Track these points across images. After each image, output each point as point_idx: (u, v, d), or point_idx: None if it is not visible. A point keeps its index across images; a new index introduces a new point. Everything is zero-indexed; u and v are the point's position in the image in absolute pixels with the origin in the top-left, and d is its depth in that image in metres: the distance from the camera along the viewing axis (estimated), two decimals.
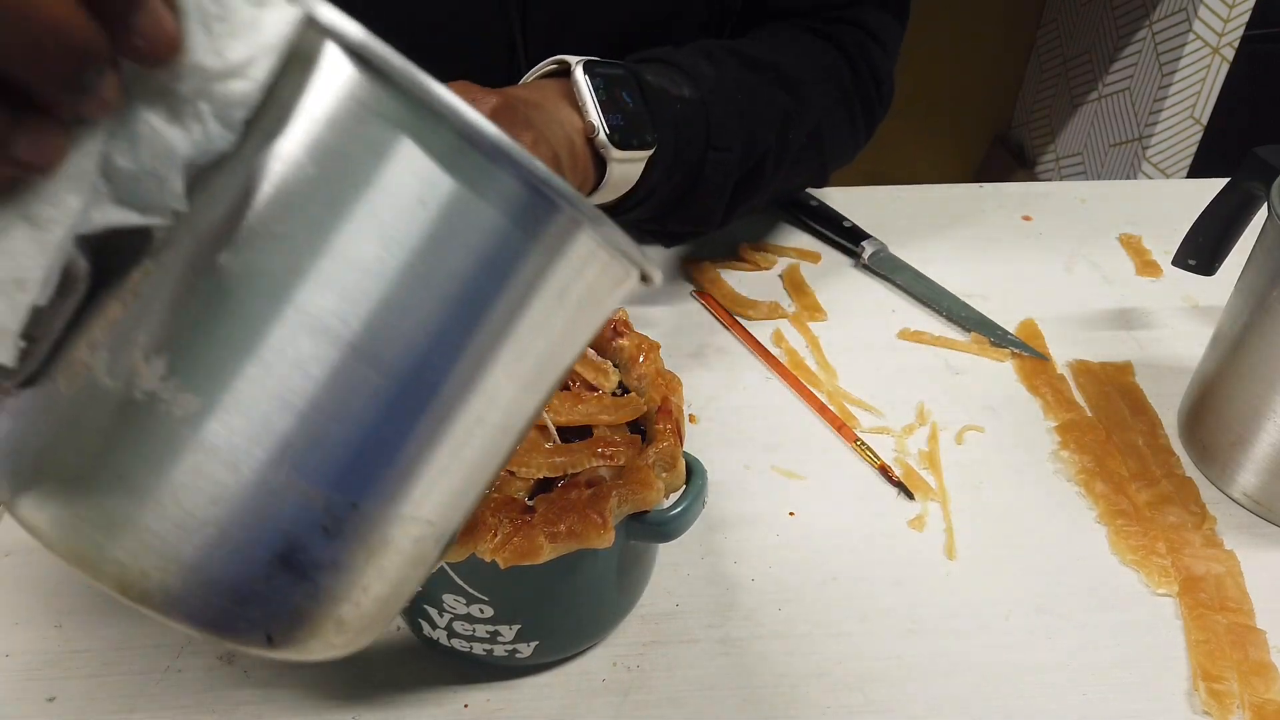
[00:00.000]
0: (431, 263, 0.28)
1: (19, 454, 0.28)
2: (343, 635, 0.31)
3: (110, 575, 0.27)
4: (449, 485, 0.32)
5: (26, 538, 0.58)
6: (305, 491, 0.28)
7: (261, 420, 0.27)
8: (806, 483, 0.64)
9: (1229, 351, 0.63)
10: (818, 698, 0.52)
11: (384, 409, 0.29)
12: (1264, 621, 0.56)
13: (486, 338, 0.30)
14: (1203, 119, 1.47)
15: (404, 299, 0.28)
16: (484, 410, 0.31)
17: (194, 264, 0.27)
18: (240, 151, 0.27)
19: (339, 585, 0.30)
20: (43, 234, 0.26)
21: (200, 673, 0.52)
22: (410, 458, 0.30)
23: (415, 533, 0.32)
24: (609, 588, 0.51)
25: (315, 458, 0.28)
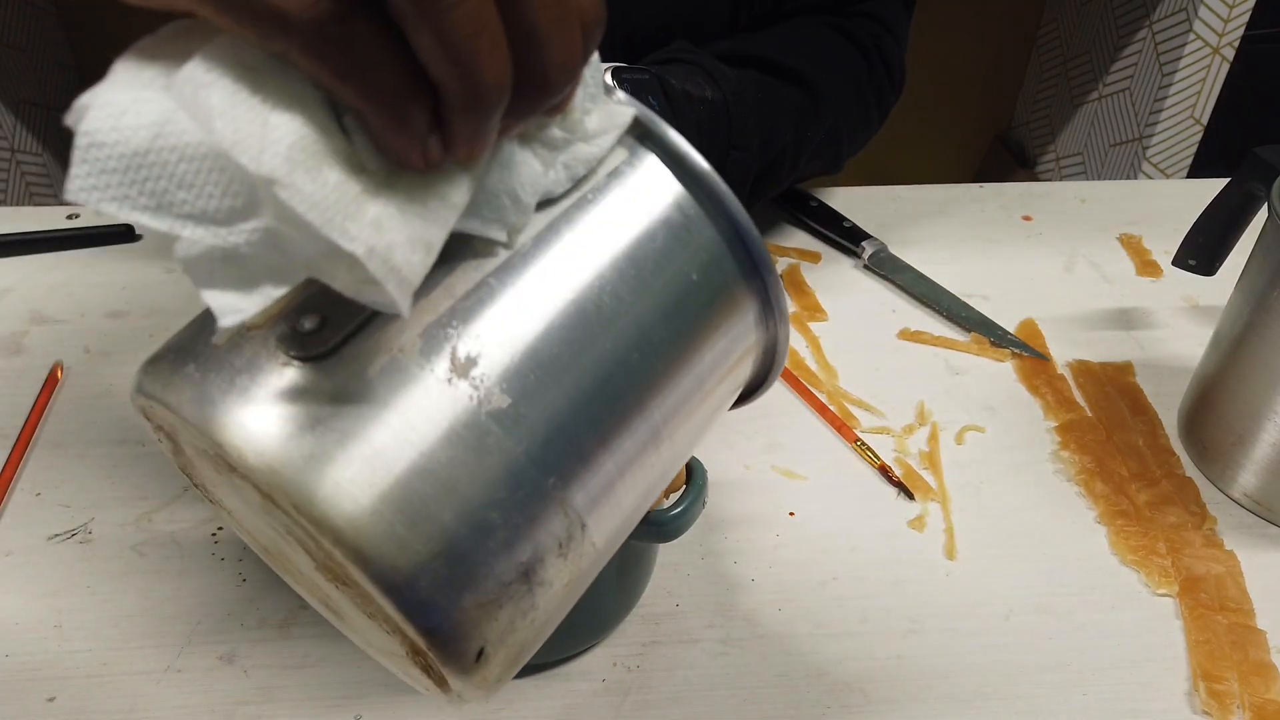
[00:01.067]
0: (695, 341, 0.35)
1: (311, 418, 0.28)
2: (510, 669, 0.33)
3: (381, 560, 0.28)
4: (621, 530, 0.36)
5: (27, 538, 0.58)
6: (567, 509, 0.31)
7: (551, 421, 0.31)
8: (807, 483, 0.64)
9: (1229, 351, 0.63)
10: (818, 698, 0.52)
11: (624, 435, 0.33)
12: (1264, 622, 0.56)
13: (687, 378, 0.35)
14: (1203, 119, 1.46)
15: (652, 329, 0.34)
16: (666, 461, 0.36)
17: (505, 277, 0.32)
18: (559, 199, 0.34)
19: (542, 608, 0.32)
20: (448, 213, 0.30)
21: (200, 673, 0.52)
22: (622, 488, 0.34)
23: (591, 571, 0.35)
24: (609, 588, 0.51)
25: (572, 470, 0.31)
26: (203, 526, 0.59)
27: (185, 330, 0.32)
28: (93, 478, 0.62)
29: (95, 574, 0.57)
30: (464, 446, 0.29)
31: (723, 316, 0.36)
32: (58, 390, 0.68)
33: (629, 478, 0.34)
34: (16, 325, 0.74)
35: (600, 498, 0.33)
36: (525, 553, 0.30)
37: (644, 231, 0.34)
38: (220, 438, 0.28)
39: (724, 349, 0.37)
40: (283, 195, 0.26)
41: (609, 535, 0.34)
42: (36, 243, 0.82)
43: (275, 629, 0.54)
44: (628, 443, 0.33)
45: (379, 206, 0.28)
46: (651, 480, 0.36)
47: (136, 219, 0.27)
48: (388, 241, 0.27)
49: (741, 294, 0.37)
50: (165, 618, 0.54)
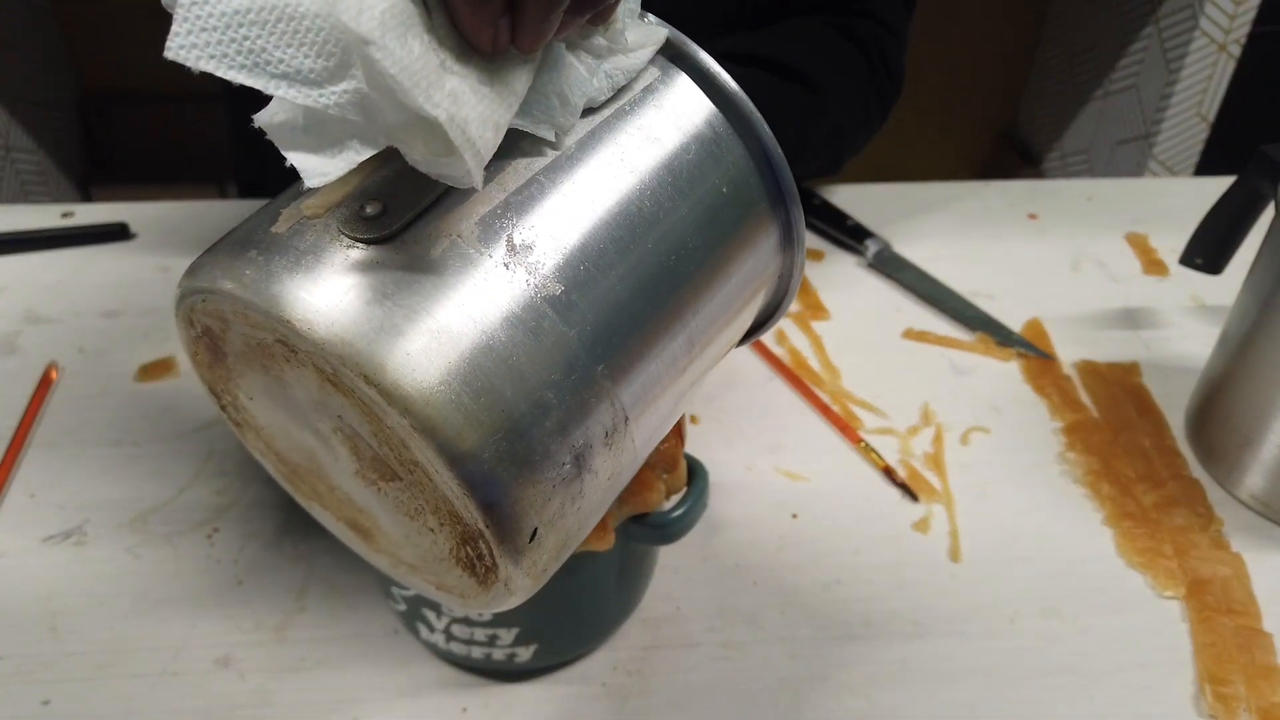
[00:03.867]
0: (726, 253, 0.37)
1: (379, 296, 0.30)
2: (554, 561, 0.34)
3: (450, 429, 0.29)
4: (656, 434, 0.37)
5: (21, 540, 0.58)
6: (614, 400, 0.32)
7: (596, 312, 0.32)
8: (809, 484, 0.63)
9: (1237, 351, 0.62)
10: (821, 702, 0.51)
11: (666, 334, 0.34)
12: (1271, 625, 0.55)
13: (719, 281, 0.37)
14: (1209, 116, 1.46)
15: (690, 236, 0.35)
16: (700, 366, 0.37)
17: (556, 174, 0.33)
18: (600, 108, 0.36)
19: (588, 497, 0.33)
20: (512, 98, 0.31)
21: (196, 676, 0.51)
22: (661, 390, 0.35)
23: (629, 471, 0.36)
24: (609, 591, 0.51)
25: (621, 362, 0.32)
26: (199, 529, 0.59)
27: (240, 227, 0.33)
28: (88, 479, 0.62)
29: (90, 576, 0.56)
30: (522, 328, 0.30)
31: (750, 234, 0.38)
32: (52, 390, 0.68)
33: (667, 379, 0.35)
34: (11, 325, 0.74)
35: (642, 394, 0.34)
36: (578, 437, 0.31)
37: (679, 144, 0.36)
38: (289, 314, 0.29)
39: (751, 267, 0.39)
40: (376, 55, 0.27)
41: (646, 435, 0.36)
42: (31, 241, 0.81)
43: (272, 632, 0.53)
44: (667, 343, 0.35)
45: (455, 81, 0.29)
46: (682, 388, 0.37)
47: (234, 77, 0.28)
48: (465, 114, 0.29)
49: (767, 217, 0.39)
50: (161, 620, 0.54)
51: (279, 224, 0.31)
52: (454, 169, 0.30)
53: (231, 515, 0.60)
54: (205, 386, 0.38)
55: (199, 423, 0.66)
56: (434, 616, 0.49)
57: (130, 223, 0.84)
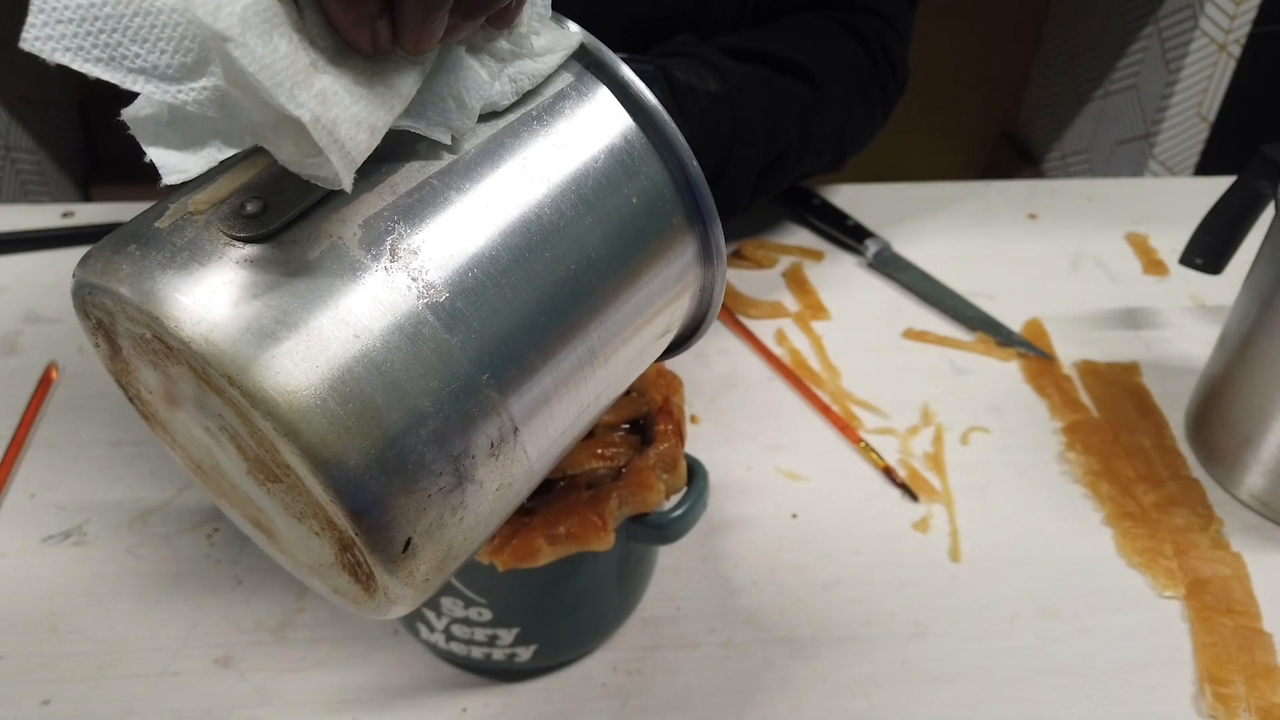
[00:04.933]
0: (634, 266, 0.36)
1: (247, 296, 0.29)
2: (439, 573, 0.33)
3: (312, 434, 0.28)
4: (558, 446, 0.37)
5: (21, 540, 0.57)
6: (500, 410, 0.32)
7: (483, 320, 0.31)
8: (809, 484, 0.63)
9: (1237, 351, 0.62)
10: (821, 702, 0.51)
11: (559, 343, 0.34)
12: (1271, 625, 0.55)
13: (625, 294, 0.36)
14: (1209, 116, 1.46)
15: (589, 242, 0.34)
16: (605, 375, 0.37)
17: (449, 180, 0.33)
18: (504, 114, 0.35)
19: (471, 508, 0.32)
20: (395, 101, 0.31)
21: (196, 676, 0.51)
22: (557, 400, 0.34)
23: (524, 483, 0.35)
24: (609, 591, 0.51)
25: (508, 371, 0.32)
26: (198, 529, 0.59)
27: (131, 220, 0.32)
28: (87, 479, 0.62)
29: (90, 576, 0.56)
30: (400, 334, 0.30)
31: (662, 248, 0.37)
32: (52, 390, 0.68)
33: (564, 391, 0.34)
34: (11, 325, 0.74)
35: (535, 406, 0.33)
36: (456, 445, 0.31)
37: (587, 152, 0.35)
38: (159, 310, 0.28)
39: (662, 280, 0.37)
40: (235, 53, 0.26)
41: (541, 448, 0.35)
42: (31, 241, 0.81)
43: (271, 632, 0.53)
44: (563, 355, 0.34)
45: (327, 81, 0.29)
46: (585, 401, 0.36)
47: (90, 70, 0.28)
48: (333, 115, 0.28)
49: (683, 231, 0.38)
50: (160, 620, 0.54)
51: (164, 218, 0.31)
52: (324, 170, 0.29)
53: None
54: (112, 377, 0.38)
55: None
56: (434, 617, 0.49)
57: None
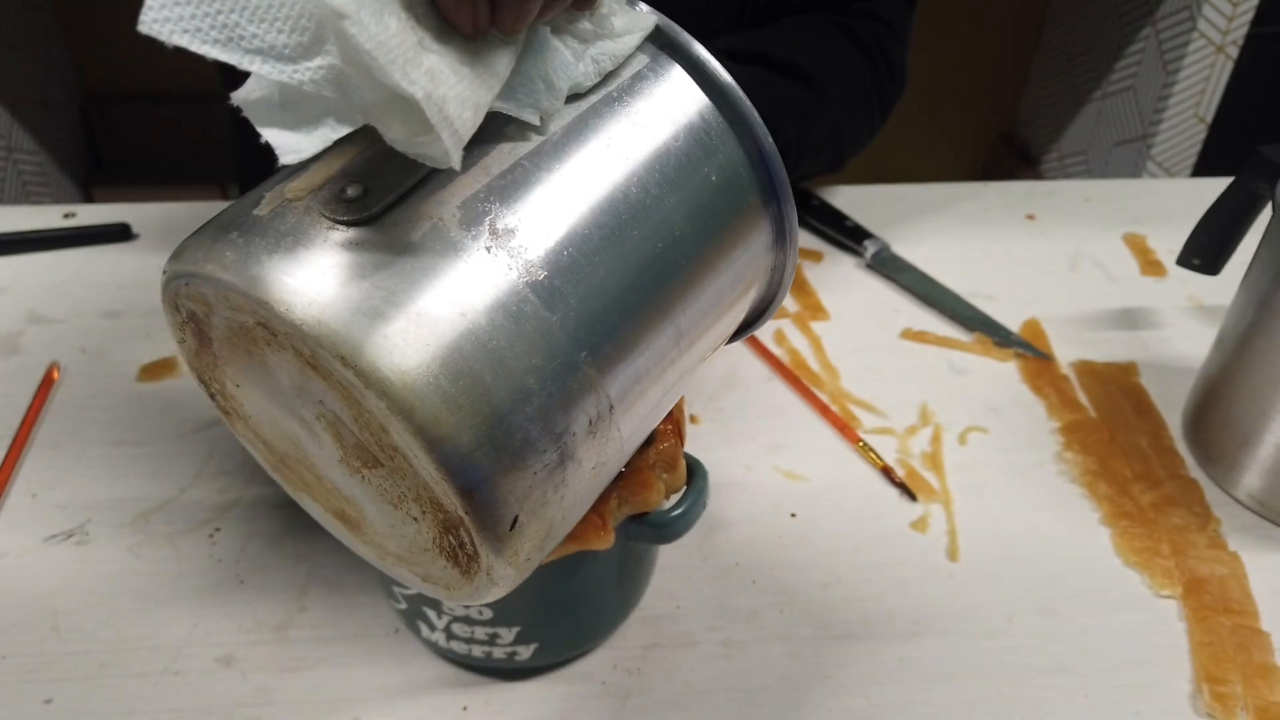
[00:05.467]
0: (716, 245, 0.36)
1: (356, 277, 0.29)
2: (539, 551, 0.34)
3: (426, 411, 0.29)
4: (644, 426, 0.37)
5: (23, 539, 0.58)
6: (598, 388, 0.32)
7: (579, 298, 0.32)
8: (809, 484, 0.63)
9: (1234, 351, 0.62)
10: (820, 701, 0.51)
11: (651, 323, 0.34)
12: (1268, 624, 0.55)
13: (709, 275, 0.36)
14: (1207, 117, 1.46)
15: (677, 225, 0.35)
16: (689, 358, 0.37)
17: (541, 160, 0.33)
18: (586, 95, 0.35)
19: (571, 485, 0.33)
20: (493, 80, 0.31)
21: (198, 675, 0.52)
22: (648, 380, 0.35)
23: (615, 462, 0.35)
24: (609, 590, 0.51)
25: (605, 349, 0.32)
26: (200, 528, 0.59)
27: (225, 210, 0.33)
28: (89, 479, 0.62)
29: (92, 575, 0.56)
30: (503, 312, 0.30)
31: (741, 228, 0.38)
32: (54, 390, 0.68)
33: (655, 370, 0.35)
34: (13, 325, 0.74)
35: (628, 383, 0.34)
36: (559, 423, 0.31)
37: (669, 132, 0.36)
38: (268, 294, 0.29)
39: (742, 261, 0.38)
40: (351, 30, 0.27)
41: (633, 426, 0.35)
42: (33, 242, 0.81)
43: (273, 631, 0.54)
44: (654, 334, 0.34)
45: (434, 59, 0.29)
46: (671, 380, 0.37)
47: (208, 52, 0.28)
48: (442, 93, 0.29)
49: (759, 212, 0.38)
50: (162, 620, 0.54)
51: (261, 206, 0.31)
52: (432, 149, 0.30)
53: (233, 515, 0.60)
54: (193, 374, 0.38)
55: (200, 422, 0.66)
56: (435, 615, 0.49)
57: (132, 223, 0.84)
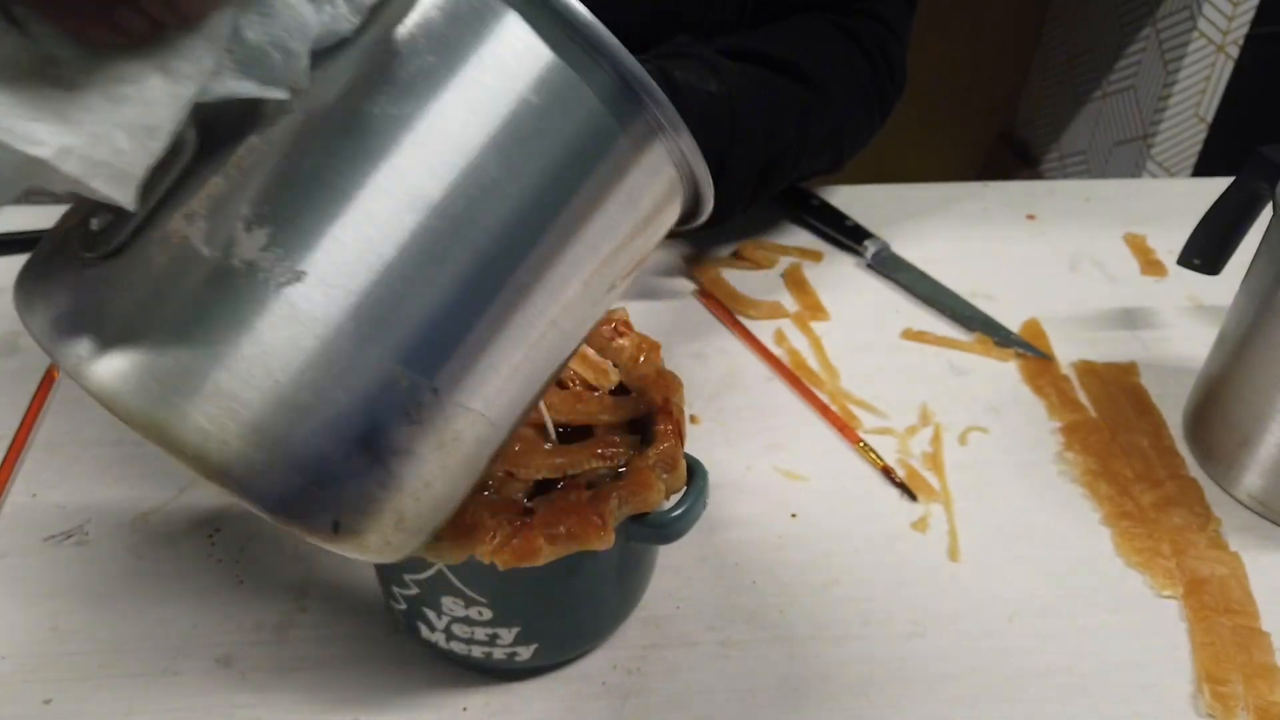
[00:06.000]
0: (524, 145, 0.30)
1: (102, 320, 0.28)
2: (399, 533, 0.32)
3: (190, 444, 0.28)
4: (515, 388, 0.34)
5: (23, 539, 0.58)
6: (392, 371, 0.29)
7: (359, 292, 0.28)
8: (809, 484, 0.63)
9: (1234, 351, 0.62)
10: (820, 701, 0.51)
11: (469, 291, 0.30)
12: (1269, 624, 0.55)
13: (562, 228, 0.32)
14: (1207, 117, 1.46)
15: (495, 177, 0.30)
16: (553, 309, 0.33)
17: (301, 142, 0.29)
18: (360, 38, 0.29)
19: (409, 475, 0.31)
20: (177, 87, 0.27)
21: (197, 675, 0.51)
22: (487, 347, 0.31)
23: (481, 432, 0.33)
24: (609, 590, 0.51)
25: (403, 336, 0.29)
26: (200, 528, 0.59)
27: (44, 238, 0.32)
28: (89, 479, 0.62)
29: (91, 576, 0.56)
30: (262, 327, 0.28)
31: (578, 141, 0.32)
32: (53, 391, 0.68)
33: (493, 336, 0.32)
34: (12, 325, 0.74)
35: (453, 359, 0.31)
36: (356, 425, 0.29)
37: (447, 51, 0.30)
38: (54, 355, 0.29)
39: (593, 186, 0.33)
40: None
41: (490, 396, 0.32)
42: (33, 242, 0.81)
43: (272, 631, 0.54)
44: (473, 297, 0.31)
45: (73, 98, 0.26)
46: (535, 336, 0.33)
47: None
48: (89, 134, 0.26)
49: (601, 115, 0.32)
50: (162, 620, 0.54)
51: (44, 242, 0.31)
52: (104, 191, 0.27)
53: (232, 515, 0.60)
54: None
55: None
56: (434, 616, 0.49)
57: None
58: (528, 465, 0.47)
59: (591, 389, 0.52)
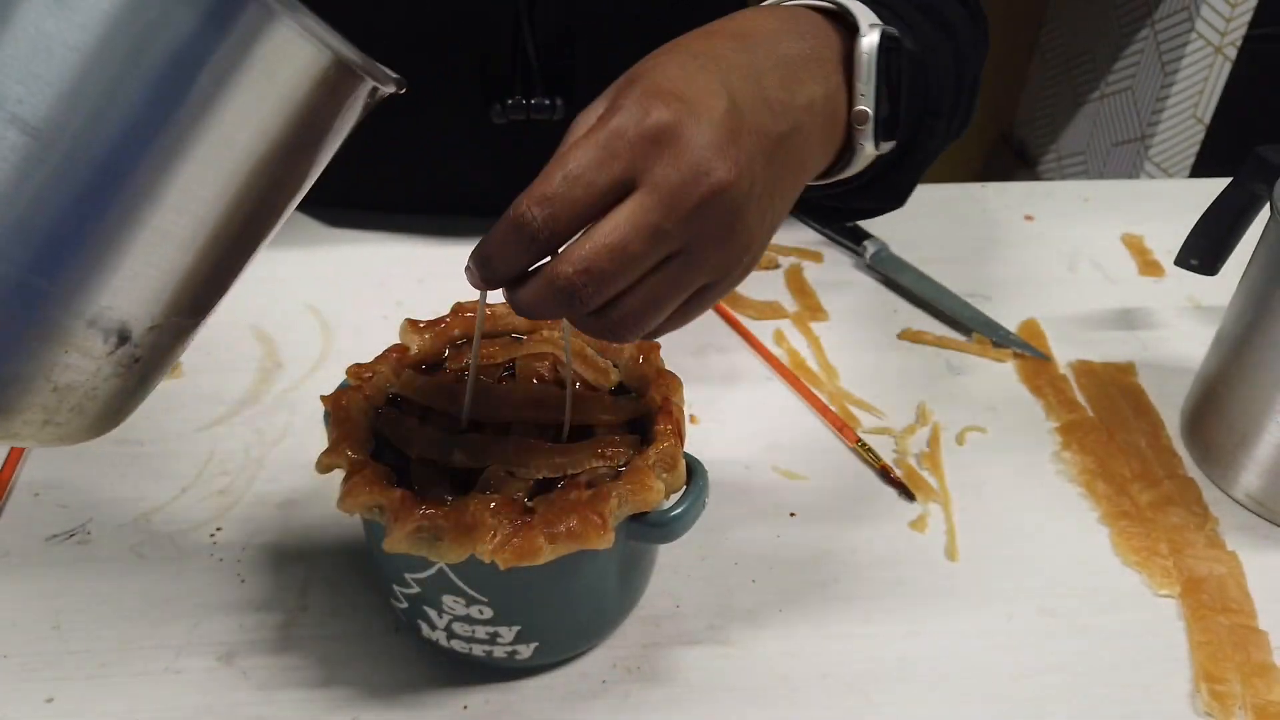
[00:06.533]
0: (119, 46, 0.29)
1: None
2: (50, 426, 0.34)
3: None
4: (148, 282, 0.33)
5: (25, 539, 0.58)
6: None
7: None
8: (807, 483, 0.63)
9: (1232, 352, 0.62)
10: (819, 699, 0.51)
11: (70, 193, 0.30)
12: (1266, 623, 0.55)
13: (178, 127, 0.31)
14: (1205, 118, 1.46)
15: (90, 83, 0.29)
16: (181, 204, 0.32)
17: None
18: None
19: (34, 363, 0.32)
20: None
21: (199, 674, 0.52)
22: (100, 245, 0.31)
23: (108, 326, 0.33)
24: (609, 589, 0.51)
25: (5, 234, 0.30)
26: (201, 527, 0.59)
27: None
28: (91, 478, 0.62)
29: (94, 575, 0.56)
30: None
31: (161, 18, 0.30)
32: None
33: (87, 223, 0.31)
34: None
35: (49, 249, 0.31)
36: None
37: None
38: None
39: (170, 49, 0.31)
40: None
41: (121, 284, 0.32)
42: None
43: (274, 630, 0.54)
44: (45, 188, 0.30)
45: None
46: (162, 220, 0.32)
47: None
48: None
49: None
50: (164, 619, 0.54)
51: None
52: None
53: (234, 514, 0.60)
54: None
55: (202, 422, 0.66)
56: (435, 615, 0.49)
57: None
58: (528, 465, 0.47)
59: (592, 389, 0.52)
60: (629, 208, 0.39)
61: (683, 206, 0.39)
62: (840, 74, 0.48)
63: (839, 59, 0.48)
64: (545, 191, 0.38)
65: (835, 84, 0.47)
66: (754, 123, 0.42)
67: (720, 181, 0.39)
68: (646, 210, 0.38)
